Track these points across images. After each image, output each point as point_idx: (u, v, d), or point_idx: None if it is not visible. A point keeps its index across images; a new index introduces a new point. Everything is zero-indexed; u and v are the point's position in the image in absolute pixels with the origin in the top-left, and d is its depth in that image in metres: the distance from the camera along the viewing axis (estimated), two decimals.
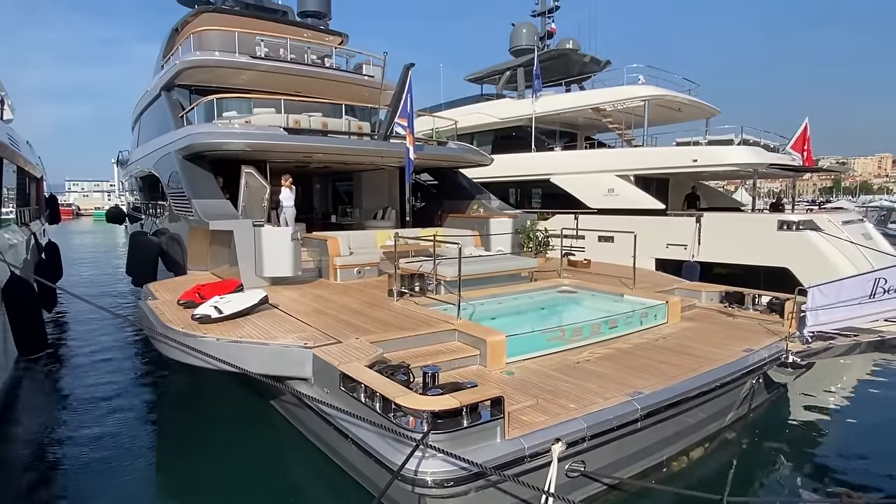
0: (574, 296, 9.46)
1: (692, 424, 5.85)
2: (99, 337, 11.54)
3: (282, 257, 9.30)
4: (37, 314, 8.23)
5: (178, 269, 11.89)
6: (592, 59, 22.85)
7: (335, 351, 5.54)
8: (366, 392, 4.56)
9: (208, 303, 6.99)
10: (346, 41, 17.05)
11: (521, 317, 8.23)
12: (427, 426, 3.87)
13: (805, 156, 15.87)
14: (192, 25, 14.71)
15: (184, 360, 6.11)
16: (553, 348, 6.43)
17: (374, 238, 11.45)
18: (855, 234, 13.69)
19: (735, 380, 5.95)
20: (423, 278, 8.75)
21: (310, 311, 7.63)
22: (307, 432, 6.14)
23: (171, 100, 13.62)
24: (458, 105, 23.46)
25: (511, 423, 4.29)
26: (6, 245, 8.68)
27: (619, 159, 17.67)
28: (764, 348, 6.64)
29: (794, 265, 13.04)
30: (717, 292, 9.21)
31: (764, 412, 7.23)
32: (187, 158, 11.12)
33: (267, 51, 13.88)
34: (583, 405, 4.80)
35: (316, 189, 20.62)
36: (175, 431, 7.18)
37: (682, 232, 14.99)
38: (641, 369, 5.84)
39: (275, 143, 10.90)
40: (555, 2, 23.82)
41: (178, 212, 11.31)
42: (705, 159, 15.62)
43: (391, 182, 16.49)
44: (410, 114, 11.00)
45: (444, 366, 5.51)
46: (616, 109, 19.16)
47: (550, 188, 18.78)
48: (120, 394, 8.21)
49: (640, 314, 7.61)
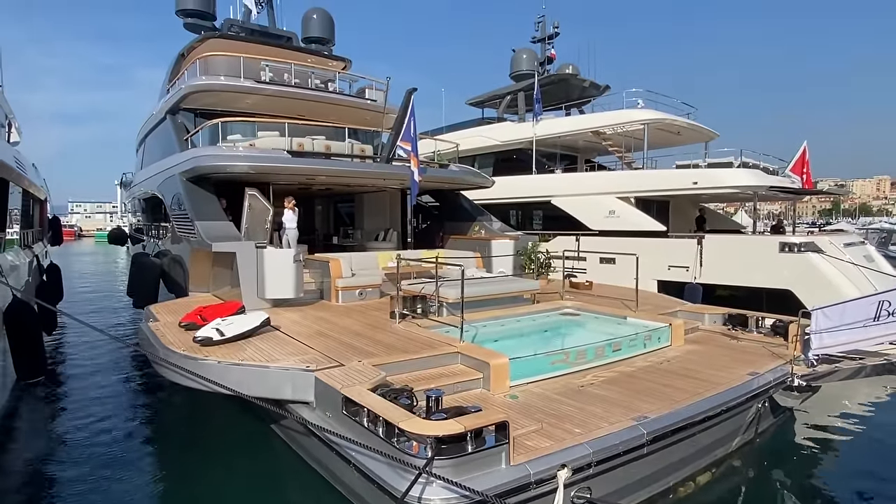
0: (577, 318, 9.43)
1: (699, 449, 5.76)
2: (98, 359, 11.46)
3: (284, 279, 9.31)
4: (38, 339, 8.20)
5: (179, 290, 11.88)
6: (592, 84, 23.19)
7: (337, 374, 5.51)
8: (369, 416, 4.52)
9: (210, 325, 6.98)
10: (349, 66, 17.34)
11: (524, 339, 8.18)
12: (431, 452, 3.83)
13: (804, 178, 15.98)
14: (198, 51, 14.98)
15: (185, 384, 6.08)
16: (557, 371, 6.39)
17: (375, 260, 11.46)
18: (857, 257, 13.69)
19: (741, 404, 5.90)
20: (425, 300, 8.73)
21: (312, 333, 7.60)
22: (308, 457, 6.06)
23: (176, 123, 13.79)
24: (460, 128, 23.73)
25: (516, 448, 4.24)
26: (9, 268, 8.69)
27: (619, 181, 17.80)
28: (769, 372, 6.59)
29: (796, 287, 13.02)
30: (721, 314, 9.17)
31: (770, 437, 7.13)
32: (191, 180, 11.21)
33: (271, 75, 14.11)
34: (588, 430, 4.75)
35: (318, 210, 20.73)
36: (174, 456, 7.08)
37: (684, 254, 15.00)
38: (646, 393, 5.79)
39: (278, 166, 10.99)
40: (554, 28, 24.26)
41: (181, 233, 11.36)
42: (706, 182, 15.73)
43: (393, 204, 16.59)
44: (413, 137, 11.12)
45: (448, 389, 5.46)
46: (616, 133, 19.36)
47: (551, 210, 18.88)
48: (118, 418, 8.12)
49: (644, 337, 7.57)
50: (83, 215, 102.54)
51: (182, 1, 17.40)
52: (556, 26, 24.25)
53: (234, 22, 17.66)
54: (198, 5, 17.44)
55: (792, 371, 6.54)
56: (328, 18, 19.21)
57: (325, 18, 19.13)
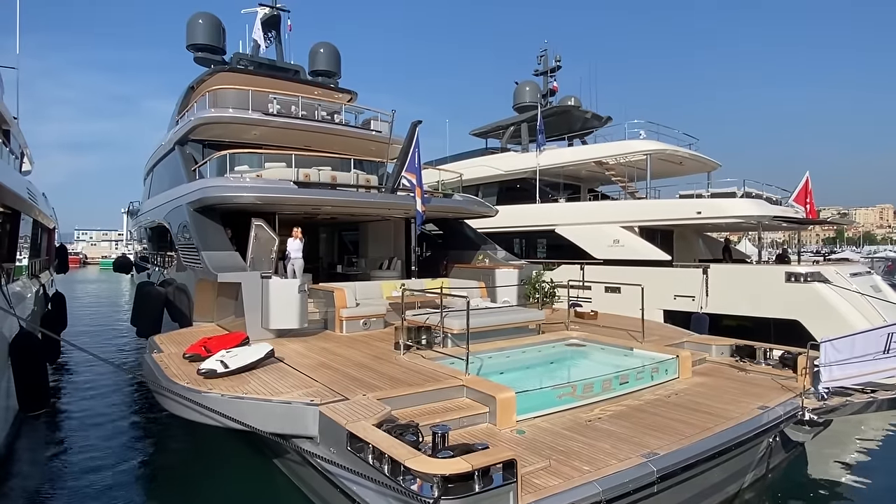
0: (582, 349, 9.34)
1: (710, 486, 5.64)
2: (100, 390, 11.39)
3: (289, 309, 9.30)
4: (42, 370, 8.16)
5: (183, 320, 11.87)
6: (594, 116, 23.52)
7: (342, 408, 5.44)
8: (374, 453, 4.44)
9: (214, 357, 6.95)
10: (355, 98, 17.66)
11: (530, 371, 8.10)
12: (438, 491, 3.75)
13: (808, 208, 16.02)
14: (207, 83, 15.32)
15: (188, 417, 6.02)
16: (564, 405, 6.30)
17: (380, 289, 11.46)
18: (863, 287, 13.61)
19: (751, 439, 5.78)
20: (429, 331, 8.70)
21: (316, 364, 7.55)
22: (311, 493, 5.95)
23: (184, 154, 14.01)
24: (464, 158, 24.02)
25: (524, 487, 4.15)
26: (16, 298, 8.72)
27: (623, 211, 17.90)
28: (779, 405, 6.48)
29: (804, 317, 12.91)
30: (728, 346, 9.08)
31: (782, 473, 6.98)
32: (198, 210, 11.32)
33: (279, 107, 14.37)
34: (596, 467, 4.66)
35: (322, 238, 20.83)
36: (175, 490, 6.97)
37: (690, 283, 14.95)
38: (655, 427, 5.69)
39: (285, 196, 11.12)
40: (556, 62, 24.74)
41: (187, 263, 11.41)
42: (709, 211, 15.78)
43: (397, 232, 16.67)
44: (418, 168, 11.25)
45: (453, 424, 5.39)
46: (619, 163, 19.55)
47: (555, 239, 18.92)
48: (119, 453, 8.02)
49: (651, 369, 7.49)
50: (89, 243, 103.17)
51: (193, 35, 17.87)
52: (557, 60, 24.73)
53: (243, 56, 18.11)
54: (208, 39, 17.90)
55: (802, 404, 6.44)
56: (334, 52, 19.67)
57: (332, 52, 19.59)
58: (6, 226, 9.69)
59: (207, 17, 17.98)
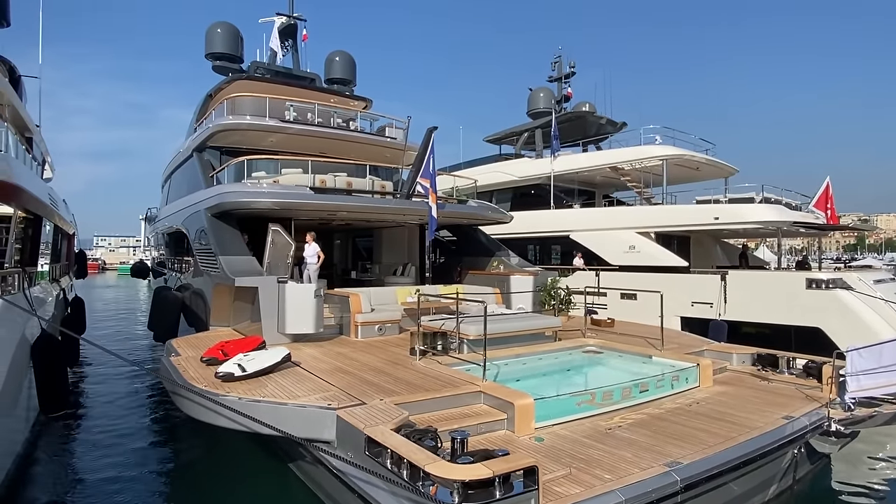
0: (600, 356, 9.23)
1: (733, 497, 5.50)
2: (119, 392, 11.51)
3: (305, 314, 9.32)
4: (62, 372, 8.27)
5: (200, 324, 11.95)
6: (608, 121, 23.41)
7: (360, 413, 5.42)
8: (392, 458, 4.40)
9: (232, 360, 6.97)
10: (370, 105, 17.77)
11: (547, 378, 8.02)
12: (458, 497, 3.70)
13: (829, 214, 15.74)
14: (225, 91, 15.52)
15: (206, 419, 6.03)
16: (583, 413, 6.21)
17: (394, 295, 11.45)
18: (888, 294, 13.29)
19: (776, 449, 5.64)
20: (445, 336, 8.65)
21: (332, 369, 7.55)
22: (326, 498, 5.92)
23: (202, 160, 14.17)
24: (478, 164, 24.01)
25: (545, 494, 4.08)
26: (38, 301, 8.85)
27: (639, 216, 17.73)
28: (804, 415, 6.32)
29: (826, 325, 12.65)
30: (749, 354, 8.91)
31: (808, 485, 6.79)
32: (216, 216, 11.42)
33: (296, 115, 14.52)
34: (618, 476, 4.57)
35: (336, 244, 20.91)
36: (191, 493, 6.99)
37: (708, 290, 14.73)
38: (677, 437, 5.58)
39: (301, 202, 11.17)
40: (571, 68, 24.70)
41: (204, 268, 11.51)
42: (727, 217, 15.58)
43: (411, 238, 16.67)
44: (433, 174, 11.25)
45: (472, 430, 5.32)
46: (634, 168, 19.39)
47: (570, 245, 18.80)
48: (136, 452, 8.09)
49: (671, 377, 7.36)
50: (107, 249, 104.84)
51: (211, 45, 18.16)
52: (571, 66, 24.70)
53: (261, 64, 18.35)
54: (226, 49, 18.19)
55: (828, 415, 6.28)
56: (350, 60, 19.84)
57: (347, 60, 19.76)
58: (28, 230, 9.87)
59: (226, 26, 18.28)
